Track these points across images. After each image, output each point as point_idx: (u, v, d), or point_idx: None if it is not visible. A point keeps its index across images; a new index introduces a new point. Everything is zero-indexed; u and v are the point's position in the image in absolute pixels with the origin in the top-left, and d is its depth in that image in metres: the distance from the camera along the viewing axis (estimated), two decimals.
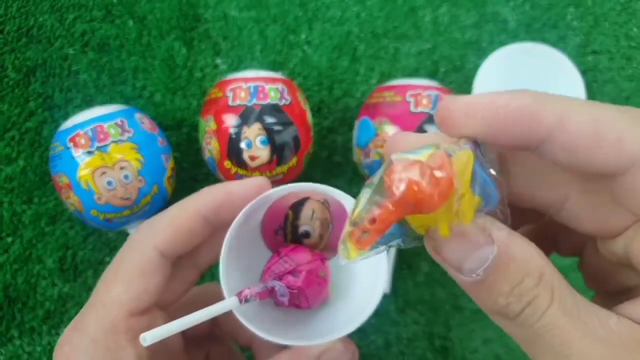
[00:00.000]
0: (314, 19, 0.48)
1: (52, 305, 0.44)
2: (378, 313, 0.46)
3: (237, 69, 0.47)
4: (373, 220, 0.16)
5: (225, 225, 0.24)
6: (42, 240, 0.44)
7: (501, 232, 0.17)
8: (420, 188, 0.16)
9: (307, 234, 0.26)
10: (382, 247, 0.18)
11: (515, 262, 0.17)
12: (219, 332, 0.31)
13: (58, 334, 0.43)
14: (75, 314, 0.25)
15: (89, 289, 0.43)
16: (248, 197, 0.24)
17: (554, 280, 0.17)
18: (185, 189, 0.39)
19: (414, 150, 0.17)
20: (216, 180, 0.36)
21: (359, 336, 0.46)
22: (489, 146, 0.18)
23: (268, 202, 0.25)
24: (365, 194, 0.17)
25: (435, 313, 0.46)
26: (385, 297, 0.46)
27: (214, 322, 0.30)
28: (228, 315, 0.23)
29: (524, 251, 0.17)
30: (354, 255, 0.17)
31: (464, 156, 0.17)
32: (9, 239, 0.44)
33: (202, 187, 0.27)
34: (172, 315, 0.23)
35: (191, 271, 0.27)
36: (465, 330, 0.46)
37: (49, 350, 0.43)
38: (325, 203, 0.26)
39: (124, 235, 0.43)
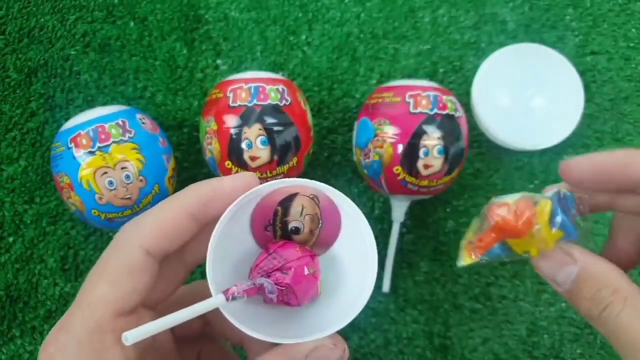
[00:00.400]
0: (314, 20, 0.48)
1: (53, 304, 0.44)
2: (378, 312, 0.47)
3: (237, 69, 0.47)
4: (480, 240, 0.26)
5: (214, 222, 0.23)
6: (44, 239, 0.44)
7: (582, 255, 0.24)
8: (507, 220, 0.25)
9: (296, 230, 0.26)
10: (489, 259, 0.26)
11: (592, 277, 0.24)
12: (210, 330, 0.31)
13: None
14: None
15: None
16: (236, 193, 0.24)
17: (629, 294, 0.23)
18: None
19: (507, 196, 0.25)
20: None
21: (359, 335, 0.46)
22: (583, 198, 0.25)
23: (257, 197, 0.25)
24: (476, 222, 0.26)
25: (435, 312, 0.46)
26: (384, 296, 0.46)
27: (205, 320, 0.30)
28: (218, 313, 0.23)
29: (601, 270, 0.24)
30: (467, 262, 0.26)
31: (544, 203, 0.25)
32: (11, 239, 0.44)
33: None
34: (160, 314, 0.22)
35: (179, 269, 0.26)
36: (464, 329, 0.46)
37: None
38: (315, 199, 0.25)
39: None
